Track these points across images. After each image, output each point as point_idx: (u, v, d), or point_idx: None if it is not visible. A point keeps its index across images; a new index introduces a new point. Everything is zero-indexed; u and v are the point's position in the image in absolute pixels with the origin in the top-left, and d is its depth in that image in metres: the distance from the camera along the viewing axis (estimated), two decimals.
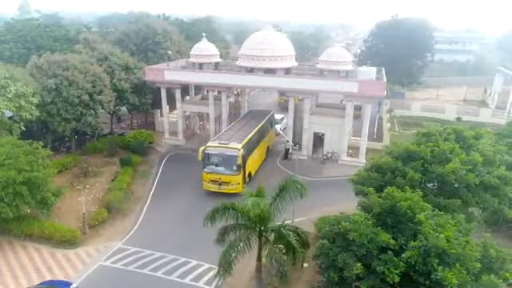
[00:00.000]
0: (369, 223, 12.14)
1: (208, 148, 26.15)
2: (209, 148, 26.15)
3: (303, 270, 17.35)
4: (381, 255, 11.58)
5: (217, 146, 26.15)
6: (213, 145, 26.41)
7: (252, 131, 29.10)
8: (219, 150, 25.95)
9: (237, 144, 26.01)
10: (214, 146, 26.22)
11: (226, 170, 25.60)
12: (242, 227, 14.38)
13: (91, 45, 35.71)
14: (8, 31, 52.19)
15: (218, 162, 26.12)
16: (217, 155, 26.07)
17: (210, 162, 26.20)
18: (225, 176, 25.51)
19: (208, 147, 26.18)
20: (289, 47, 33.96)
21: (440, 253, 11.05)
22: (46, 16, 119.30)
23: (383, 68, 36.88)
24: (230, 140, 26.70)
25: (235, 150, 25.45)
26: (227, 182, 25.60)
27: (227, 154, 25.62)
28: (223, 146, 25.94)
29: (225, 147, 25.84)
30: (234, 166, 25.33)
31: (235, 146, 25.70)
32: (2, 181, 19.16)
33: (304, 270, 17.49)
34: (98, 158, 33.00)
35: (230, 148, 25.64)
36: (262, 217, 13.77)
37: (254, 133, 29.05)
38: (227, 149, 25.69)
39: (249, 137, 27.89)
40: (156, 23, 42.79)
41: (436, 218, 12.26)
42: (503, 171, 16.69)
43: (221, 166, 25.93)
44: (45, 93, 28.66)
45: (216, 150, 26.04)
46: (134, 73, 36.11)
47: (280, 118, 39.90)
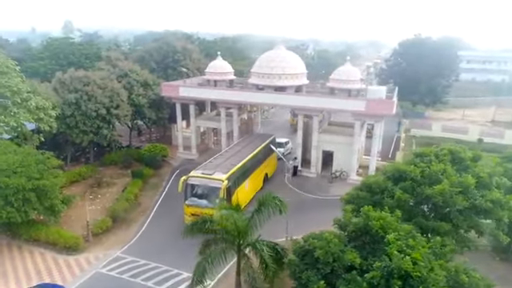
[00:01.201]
0: (336, 241, 12.08)
1: (190, 178, 23.98)
2: (191, 178, 23.98)
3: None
4: (346, 274, 11.49)
5: (199, 176, 23.91)
6: (195, 175, 24.13)
7: (244, 159, 27.10)
8: (202, 181, 23.79)
9: (221, 175, 23.67)
10: (196, 177, 23.98)
11: (208, 204, 22.87)
12: (222, 240, 14.66)
13: (113, 62, 37.72)
14: (45, 49, 56.20)
15: (200, 195, 23.94)
16: (199, 187, 24.01)
17: (192, 194, 24.11)
18: (207, 210, 21.87)
19: (190, 177, 24.02)
20: (300, 65, 34.39)
21: (403, 275, 10.84)
22: (87, 34, 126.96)
23: (396, 87, 36.45)
24: (215, 169, 24.56)
25: (219, 181, 23.02)
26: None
27: (210, 186, 23.30)
28: (206, 176, 23.71)
29: (208, 178, 23.61)
30: (216, 200, 22.14)
31: (219, 177, 23.33)
32: (13, 187, 20.53)
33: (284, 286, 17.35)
34: (113, 169, 34.50)
35: (214, 179, 23.37)
36: (239, 231, 14.01)
37: (245, 161, 27.03)
38: (210, 180, 23.44)
39: (238, 166, 25.82)
40: (176, 41, 44.53)
41: (406, 240, 12.02)
42: (498, 195, 16.06)
43: (203, 198, 23.71)
44: (65, 106, 30.52)
45: (198, 180, 23.86)
46: (153, 89, 37.70)
47: (284, 142, 37.92)
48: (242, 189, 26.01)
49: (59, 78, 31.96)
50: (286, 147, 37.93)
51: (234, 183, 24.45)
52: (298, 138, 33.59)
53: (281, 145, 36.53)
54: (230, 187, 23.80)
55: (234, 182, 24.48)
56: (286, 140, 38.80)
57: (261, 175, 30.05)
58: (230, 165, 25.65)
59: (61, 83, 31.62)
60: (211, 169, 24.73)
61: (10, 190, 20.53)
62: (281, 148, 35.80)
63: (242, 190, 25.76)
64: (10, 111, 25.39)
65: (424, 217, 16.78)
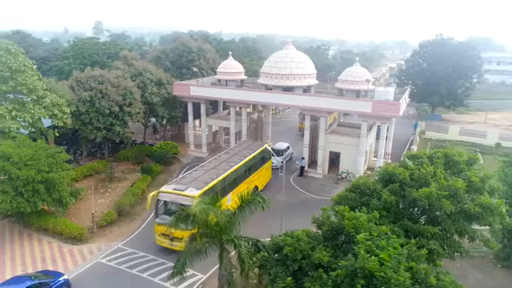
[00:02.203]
0: (306, 239, 12.29)
1: (160, 194, 21.74)
2: (161, 194, 21.73)
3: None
4: (313, 272, 11.69)
5: (170, 191, 21.56)
6: (166, 190, 21.80)
7: (226, 172, 24.52)
8: (173, 198, 21.51)
9: (194, 191, 21.24)
10: (167, 192, 21.66)
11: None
12: (205, 235, 15.11)
13: (129, 61, 39.03)
14: (71, 48, 58.67)
15: (171, 212, 21.20)
16: (170, 203, 22.03)
17: (163, 212, 22.06)
18: (178, 231, 19.71)
19: (160, 192, 21.81)
20: (309, 66, 34.40)
21: (367, 274, 10.94)
22: (114, 34, 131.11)
23: (408, 89, 35.81)
24: (190, 184, 22.15)
25: (190, 198, 20.48)
26: (180, 237, 20.53)
27: (181, 204, 20.73)
28: (177, 192, 21.31)
29: (179, 194, 21.22)
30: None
31: (191, 194, 20.89)
32: (23, 179, 21.83)
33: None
34: (125, 165, 35.78)
35: (185, 196, 20.94)
36: (221, 227, 14.42)
37: (227, 174, 24.43)
38: (182, 196, 21.04)
39: (218, 180, 23.33)
40: (192, 42, 45.45)
41: (377, 241, 12.07)
42: (488, 200, 15.69)
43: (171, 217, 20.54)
44: (80, 104, 31.94)
45: (169, 196, 21.61)
46: (166, 87, 38.72)
47: (283, 149, 35.99)
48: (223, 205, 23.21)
49: (76, 77, 33.46)
50: (286, 153, 36.15)
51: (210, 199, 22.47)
52: (305, 139, 33.65)
53: (279, 152, 34.78)
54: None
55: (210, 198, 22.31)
56: (286, 145, 36.97)
57: (248, 188, 26.34)
58: (208, 179, 23.12)
59: (77, 82, 33.09)
60: (186, 183, 22.34)
61: (21, 181, 21.84)
62: (280, 155, 34.21)
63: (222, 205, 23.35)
64: (26, 107, 26.90)
65: (412, 220, 16.63)
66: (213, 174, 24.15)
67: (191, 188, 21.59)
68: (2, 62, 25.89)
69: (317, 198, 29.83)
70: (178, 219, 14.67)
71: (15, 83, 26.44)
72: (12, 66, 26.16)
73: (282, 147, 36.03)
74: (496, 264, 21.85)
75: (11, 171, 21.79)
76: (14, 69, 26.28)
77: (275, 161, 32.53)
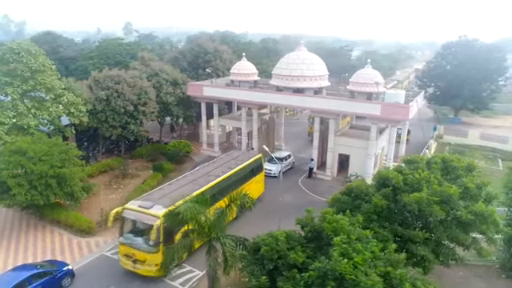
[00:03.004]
0: (283, 240, 12.52)
1: (125, 210, 19.81)
2: (126, 211, 19.77)
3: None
4: (287, 272, 11.91)
5: (135, 209, 19.56)
6: (131, 207, 19.81)
7: (201, 188, 21.96)
8: (137, 216, 19.51)
9: (160, 209, 19.04)
10: (132, 209, 19.66)
11: (141, 244, 19.10)
12: (196, 232, 15.61)
13: (146, 62, 40.25)
14: (96, 49, 61.04)
15: (136, 232, 19.83)
16: (134, 222, 20.02)
17: (128, 230, 20.13)
18: (139, 252, 18.94)
19: (125, 209, 19.88)
20: (320, 68, 34.35)
21: (338, 277, 11.06)
22: (143, 35, 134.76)
23: (423, 91, 35.07)
24: (159, 200, 20.14)
25: (154, 218, 18.55)
26: (142, 260, 18.99)
27: (145, 223, 19.14)
28: (142, 210, 19.33)
29: (143, 212, 19.24)
30: (150, 241, 18.55)
31: (154, 213, 18.80)
32: (37, 173, 23.14)
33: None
34: (140, 162, 36.98)
35: (149, 215, 18.98)
36: (209, 224, 14.88)
37: (203, 190, 21.74)
38: (146, 215, 19.09)
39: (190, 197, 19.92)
40: (210, 43, 46.27)
41: (355, 244, 12.14)
42: (481, 207, 15.36)
43: (137, 237, 19.57)
44: (97, 102, 33.30)
45: (134, 214, 19.57)
46: (181, 88, 39.66)
47: (284, 156, 34.59)
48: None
49: (94, 76, 34.88)
50: (286, 162, 34.71)
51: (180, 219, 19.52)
52: (315, 141, 33.64)
53: (279, 160, 32.96)
54: (173, 225, 18.83)
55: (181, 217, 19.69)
56: (286, 154, 35.70)
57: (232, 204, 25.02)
58: (181, 195, 19.88)
59: (95, 81, 34.49)
60: (154, 200, 20.32)
61: (35, 175, 23.15)
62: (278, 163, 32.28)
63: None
64: (44, 106, 28.39)
65: (405, 225, 16.49)
66: (188, 189, 21.45)
67: (158, 206, 19.48)
68: (23, 63, 27.42)
69: (322, 199, 29.65)
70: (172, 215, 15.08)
71: (35, 82, 27.95)
72: (32, 67, 27.66)
73: (281, 155, 34.72)
74: (501, 274, 21.17)
75: (26, 166, 23.14)
76: (34, 69, 27.77)
77: (274, 168, 32.18)
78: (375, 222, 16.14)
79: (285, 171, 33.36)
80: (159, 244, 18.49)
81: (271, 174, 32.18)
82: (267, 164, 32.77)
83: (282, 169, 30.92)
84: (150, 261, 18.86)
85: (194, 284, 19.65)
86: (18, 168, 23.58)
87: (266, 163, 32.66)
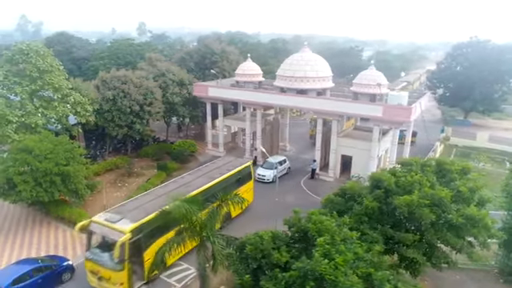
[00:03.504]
0: (269, 240, 12.73)
1: (92, 223, 18.55)
2: (93, 224, 18.50)
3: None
4: (269, 271, 12.13)
5: (102, 222, 18.27)
6: (98, 221, 18.50)
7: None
8: (103, 230, 18.19)
9: (127, 224, 17.77)
10: (98, 223, 18.37)
11: (106, 261, 17.74)
12: (187, 230, 15.93)
13: (153, 62, 40.91)
14: (107, 49, 62.19)
15: (101, 247, 18.64)
16: (100, 237, 18.85)
17: (93, 245, 18.91)
18: (104, 269, 17.78)
19: (92, 222, 18.61)
20: (324, 69, 34.37)
21: (318, 277, 11.22)
22: (156, 35, 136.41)
23: (428, 92, 34.78)
24: (130, 213, 18.84)
25: (119, 233, 17.30)
26: (107, 277, 17.85)
27: (110, 239, 17.84)
28: (107, 224, 18.00)
29: (109, 227, 17.88)
30: (114, 258, 17.18)
31: (121, 228, 17.48)
32: (42, 170, 23.84)
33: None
34: (145, 161, 37.60)
35: (115, 230, 17.60)
36: (200, 223, 15.18)
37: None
38: (112, 230, 17.72)
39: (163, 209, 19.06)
40: (214, 44, 46.73)
41: (338, 245, 12.28)
42: (473, 210, 15.28)
43: (103, 252, 18.20)
44: (104, 102, 34.06)
45: (100, 228, 18.27)
46: (188, 88, 40.18)
47: (279, 161, 33.21)
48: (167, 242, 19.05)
49: (101, 77, 35.66)
50: (281, 167, 33.51)
51: (150, 235, 18.58)
52: (318, 142, 33.69)
53: (273, 165, 32.43)
54: (141, 241, 18.12)
55: (150, 233, 18.60)
56: (282, 158, 34.42)
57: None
58: (154, 207, 18.93)
59: (102, 81, 35.26)
60: (124, 212, 19.00)
61: (40, 172, 23.85)
62: (273, 168, 32.12)
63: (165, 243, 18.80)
64: (52, 105, 29.20)
65: (396, 227, 16.50)
66: (164, 200, 19.51)
67: (125, 220, 18.12)
68: (32, 63, 28.28)
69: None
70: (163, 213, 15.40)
71: (43, 82, 28.78)
72: (40, 67, 28.49)
73: (277, 160, 33.47)
74: (499, 279, 20.93)
75: (32, 163, 23.84)
76: (42, 69, 28.60)
77: (267, 174, 31.94)
78: (366, 224, 16.22)
79: (280, 177, 31.99)
80: (124, 262, 17.28)
81: (264, 180, 31.74)
82: (260, 169, 32.53)
83: (276, 174, 30.44)
84: (114, 279, 17.60)
85: (190, 281, 20.00)
86: (24, 165, 24.29)
87: (259, 168, 32.84)
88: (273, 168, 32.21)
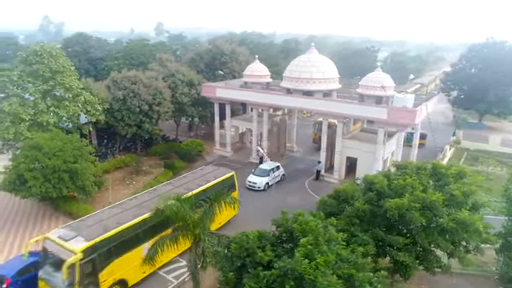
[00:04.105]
0: (254, 239, 13.04)
1: (46, 240, 17.22)
2: (47, 240, 17.16)
3: None
4: (252, 270, 12.44)
5: (54, 240, 16.85)
6: (51, 238, 17.11)
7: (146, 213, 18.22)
8: (56, 248, 16.70)
9: (80, 243, 16.41)
10: (51, 240, 16.99)
11: (57, 282, 16.19)
12: (181, 228, 16.38)
13: (163, 63, 41.72)
14: (122, 49, 63.54)
15: (54, 266, 16.91)
16: (52, 255, 17.05)
17: (47, 263, 17.35)
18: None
19: (46, 239, 17.29)
20: (330, 70, 34.38)
21: (298, 276, 11.47)
22: (173, 35, 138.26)
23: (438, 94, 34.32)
24: (89, 229, 17.49)
25: (70, 253, 15.95)
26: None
27: (60, 258, 16.17)
28: (60, 242, 16.57)
29: (61, 245, 16.47)
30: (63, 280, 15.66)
31: (72, 248, 16.09)
32: (51, 167, 24.78)
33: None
34: (154, 160, 38.40)
35: (66, 249, 16.21)
36: (192, 222, 15.61)
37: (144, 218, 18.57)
38: (63, 249, 16.31)
39: (128, 225, 18.27)
40: (225, 45, 47.21)
41: (321, 246, 12.48)
42: (465, 215, 15.20)
43: (55, 272, 16.63)
44: (114, 102, 34.99)
45: (53, 246, 16.82)
46: (197, 88, 40.80)
47: (271, 168, 32.12)
48: (131, 260, 18.19)
49: (113, 77, 36.63)
50: (274, 174, 32.35)
51: (107, 255, 17.23)
52: (323, 143, 33.75)
53: (265, 172, 31.75)
54: (95, 262, 16.71)
55: (107, 252, 17.24)
56: (275, 165, 33.04)
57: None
58: (115, 223, 17.93)
59: (113, 81, 36.22)
60: (82, 228, 17.61)
61: (49, 169, 24.78)
62: (265, 175, 31.49)
63: (129, 261, 18.18)
64: (63, 104, 30.24)
65: (389, 230, 16.55)
66: (132, 213, 19.02)
67: (79, 238, 16.67)
68: (45, 64, 29.35)
69: None
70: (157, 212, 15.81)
71: (54, 82, 29.85)
72: (52, 68, 29.55)
73: (268, 167, 32.42)
74: (499, 285, 20.62)
75: (42, 160, 24.82)
76: (54, 70, 29.66)
77: (258, 181, 30.80)
78: (357, 226, 16.36)
79: (272, 184, 31.64)
80: (74, 285, 15.84)
81: (255, 188, 30.70)
82: (251, 176, 31.56)
83: (268, 181, 29.93)
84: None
85: (187, 278, 20.46)
86: (35, 162, 25.28)
87: (250, 176, 31.67)
88: (265, 175, 31.27)
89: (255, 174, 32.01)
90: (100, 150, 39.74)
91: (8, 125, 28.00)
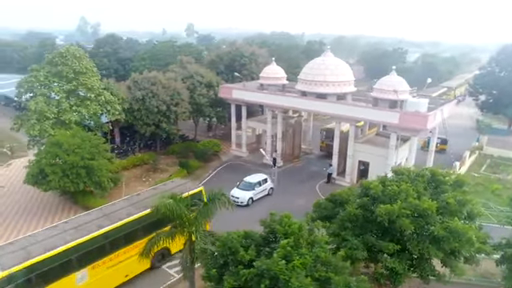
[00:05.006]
0: (238, 239, 13.52)
1: None
2: None
3: None
4: (233, 268, 12.94)
5: None
6: None
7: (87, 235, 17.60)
8: None
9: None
10: None
11: None
12: (180, 226, 17.12)
13: (184, 64, 42.92)
14: (149, 50, 65.57)
15: None
16: None
17: None
18: None
19: None
20: (345, 73, 34.23)
21: (273, 276, 11.86)
22: (202, 36, 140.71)
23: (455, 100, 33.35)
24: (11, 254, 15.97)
25: None
26: None
27: None
28: None
29: None
30: None
31: None
32: (69, 163, 26.33)
33: None
34: (171, 158, 39.64)
35: None
36: (187, 220, 16.31)
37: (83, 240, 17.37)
38: None
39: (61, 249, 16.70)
40: (245, 47, 47.89)
41: (301, 248, 12.79)
42: (458, 224, 14.99)
43: None
44: (134, 102, 36.45)
45: None
46: (215, 89, 41.70)
47: (257, 181, 29.94)
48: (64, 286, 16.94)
49: (133, 78, 38.14)
50: (260, 188, 30.13)
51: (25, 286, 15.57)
52: (335, 147, 33.69)
53: (250, 186, 29.69)
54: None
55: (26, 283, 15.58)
56: (262, 178, 30.71)
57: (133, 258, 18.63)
58: (41, 248, 16.42)
59: (134, 82, 37.71)
60: (8, 252, 16.25)
61: (68, 165, 26.33)
62: (250, 189, 29.42)
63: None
64: (84, 103, 31.90)
65: (383, 235, 16.54)
66: (62, 238, 17.32)
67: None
68: (69, 65, 31.09)
69: None
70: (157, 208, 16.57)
71: (77, 83, 31.54)
72: (76, 69, 31.25)
73: (254, 180, 30.00)
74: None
75: (61, 156, 26.43)
76: (77, 71, 31.35)
77: (241, 196, 28.70)
78: (349, 230, 16.50)
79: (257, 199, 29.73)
80: None
81: (238, 203, 27.72)
82: (235, 190, 29.50)
83: (252, 196, 28.63)
84: None
85: None
86: (55, 158, 26.92)
87: (234, 189, 29.65)
88: (249, 189, 28.97)
89: (239, 187, 29.86)
90: (122, 147, 41.56)
91: (34, 122, 29.90)
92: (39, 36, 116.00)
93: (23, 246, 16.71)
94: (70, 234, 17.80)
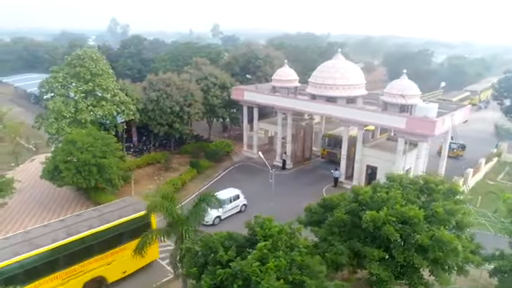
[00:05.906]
0: (220, 240, 13.98)
1: None
2: None
3: None
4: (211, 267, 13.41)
5: None
6: None
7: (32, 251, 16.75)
8: None
9: None
10: None
11: None
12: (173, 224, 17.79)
13: (198, 66, 43.83)
14: (170, 52, 67.22)
15: None
16: None
17: None
18: None
19: None
20: (355, 76, 34.00)
21: (246, 277, 12.24)
22: (226, 37, 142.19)
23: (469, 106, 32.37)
24: None
25: None
26: None
27: None
28: None
29: None
30: None
31: None
32: (82, 161, 27.66)
33: None
34: (184, 158, 40.59)
35: None
36: (179, 219, 16.95)
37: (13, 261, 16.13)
38: None
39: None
40: (260, 49, 48.30)
41: (278, 251, 13.10)
42: (444, 233, 14.81)
43: None
44: (148, 102, 37.65)
45: None
46: (228, 91, 42.37)
47: (227, 198, 26.60)
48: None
49: (149, 79, 39.37)
50: (231, 205, 27.69)
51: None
52: (343, 150, 33.55)
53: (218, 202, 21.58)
54: None
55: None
56: (234, 194, 28.35)
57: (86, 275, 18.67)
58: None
59: (149, 83, 38.94)
60: None
61: (80, 162, 27.68)
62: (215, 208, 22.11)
63: None
64: (100, 104, 33.30)
65: (372, 242, 16.53)
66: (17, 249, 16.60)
67: None
68: (86, 67, 32.56)
69: None
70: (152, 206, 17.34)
71: (94, 84, 32.97)
72: (92, 70, 32.68)
73: (225, 196, 26.37)
74: None
75: (75, 154, 27.81)
76: (93, 73, 32.78)
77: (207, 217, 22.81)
78: (336, 235, 16.62)
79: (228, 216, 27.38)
80: None
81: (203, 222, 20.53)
82: None
83: (220, 215, 26.19)
84: None
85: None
86: (69, 155, 28.35)
87: None
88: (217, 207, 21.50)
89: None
90: (138, 146, 42.97)
91: (52, 121, 31.55)
92: (71, 36, 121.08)
93: None
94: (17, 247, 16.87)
